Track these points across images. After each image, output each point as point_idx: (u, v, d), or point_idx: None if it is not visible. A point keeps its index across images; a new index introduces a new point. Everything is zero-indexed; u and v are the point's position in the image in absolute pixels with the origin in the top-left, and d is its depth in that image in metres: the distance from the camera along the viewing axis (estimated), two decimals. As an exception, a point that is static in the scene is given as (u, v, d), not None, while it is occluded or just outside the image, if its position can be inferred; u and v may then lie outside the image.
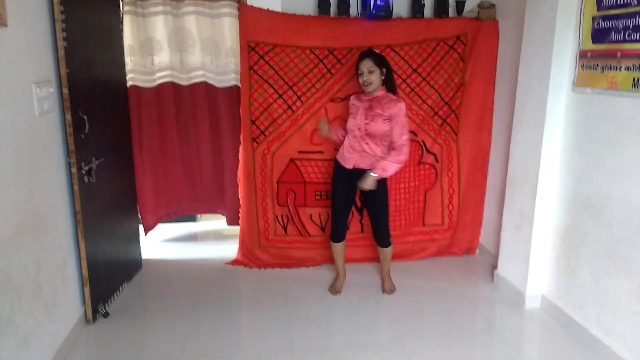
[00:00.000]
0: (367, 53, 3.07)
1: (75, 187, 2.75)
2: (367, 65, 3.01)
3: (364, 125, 3.08)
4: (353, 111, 3.17)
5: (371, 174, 3.04)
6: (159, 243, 4.24)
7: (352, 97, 3.27)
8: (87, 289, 2.90)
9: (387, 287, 3.40)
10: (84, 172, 2.80)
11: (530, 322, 3.03)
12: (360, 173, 3.11)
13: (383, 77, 3.06)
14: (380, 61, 3.05)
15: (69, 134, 2.70)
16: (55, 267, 2.60)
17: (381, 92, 3.09)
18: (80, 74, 2.78)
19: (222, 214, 4.23)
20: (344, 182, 3.24)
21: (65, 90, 2.64)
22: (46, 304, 2.49)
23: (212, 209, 4.24)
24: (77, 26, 2.75)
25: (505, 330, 2.94)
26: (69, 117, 2.68)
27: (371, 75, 3.01)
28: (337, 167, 3.27)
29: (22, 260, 2.26)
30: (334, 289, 3.39)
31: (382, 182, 3.16)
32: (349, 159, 3.17)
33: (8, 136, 2.16)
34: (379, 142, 3.09)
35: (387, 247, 3.35)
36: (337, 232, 3.33)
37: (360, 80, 3.05)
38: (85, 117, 2.78)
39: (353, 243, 3.77)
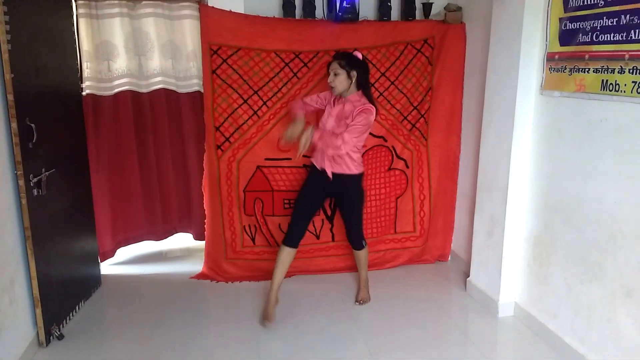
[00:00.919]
0: (337, 54, 3.03)
1: (23, 201, 2.56)
2: (332, 67, 2.93)
3: (329, 128, 2.99)
4: (326, 111, 3.05)
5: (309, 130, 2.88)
6: (120, 258, 4.03)
7: (328, 92, 3.10)
8: (38, 310, 2.70)
9: (361, 297, 3.26)
10: (32, 184, 2.61)
11: (504, 330, 2.97)
12: (333, 180, 3.01)
13: (352, 80, 2.91)
14: (350, 63, 2.91)
15: (15, 144, 2.51)
16: (1, 288, 2.41)
17: (355, 97, 2.94)
18: (27, 79, 2.59)
19: (188, 232, 4.04)
20: (316, 183, 3.09)
21: (10, 97, 2.45)
22: (-10, 328, 2.29)
23: (174, 230, 4.02)
24: (24, 28, 2.57)
25: (479, 339, 2.87)
26: (14, 125, 2.49)
27: (335, 78, 2.91)
28: (313, 169, 3.14)
29: (-41, 282, 2.07)
30: (265, 317, 2.97)
31: (357, 184, 3.07)
32: (320, 161, 3.04)
33: (-59, 147, 1.98)
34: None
35: (362, 249, 3.22)
36: (294, 232, 3.06)
37: (328, 81, 2.98)
38: (33, 125, 2.60)
39: (323, 253, 3.66)
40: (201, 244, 3.80)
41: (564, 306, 2.64)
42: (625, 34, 2.20)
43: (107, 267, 3.76)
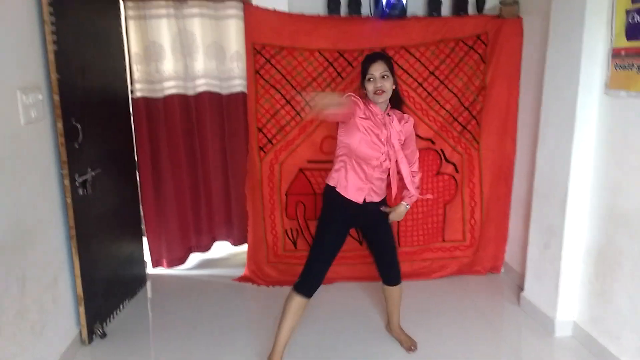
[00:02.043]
0: (380, 55, 2.47)
1: (68, 200, 2.61)
2: (380, 68, 2.36)
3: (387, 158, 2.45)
4: (367, 133, 2.38)
5: (405, 204, 2.55)
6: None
7: (357, 104, 2.35)
8: (81, 308, 2.74)
9: (408, 344, 2.76)
10: (78, 184, 2.66)
11: (561, 352, 2.73)
12: (370, 207, 2.52)
13: (394, 87, 2.45)
14: (393, 68, 2.45)
15: (60, 144, 2.56)
16: (44, 285, 2.45)
17: (394, 110, 2.51)
18: (73, 80, 2.64)
19: (227, 240, 3.98)
20: (347, 220, 2.53)
21: (56, 97, 2.51)
22: (33, 325, 2.33)
23: (214, 239, 3.98)
24: (70, 29, 2.62)
25: (533, 360, 2.66)
26: (60, 125, 2.54)
27: (385, 81, 2.36)
28: (338, 201, 2.49)
29: (2, 279, 2.10)
30: None
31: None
32: (361, 191, 2.48)
33: (-14, 147, 2.03)
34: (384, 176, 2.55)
35: (400, 283, 2.72)
36: (314, 282, 2.48)
37: (370, 88, 2.36)
38: (79, 125, 2.65)
39: (367, 260, 3.53)
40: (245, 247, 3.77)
41: (629, 328, 2.38)
42: None
43: (151, 267, 3.80)
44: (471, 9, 3.45)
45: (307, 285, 2.47)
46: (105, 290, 2.99)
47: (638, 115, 2.32)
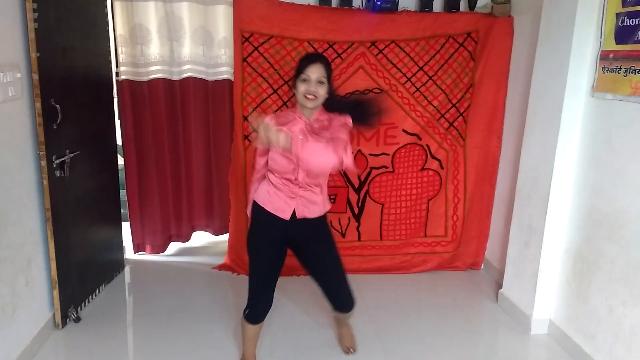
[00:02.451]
0: (321, 57, 2.18)
1: (45, 182, 2.56)
2: (318, 72, 2.08)
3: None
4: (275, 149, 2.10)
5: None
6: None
7: (271, 120, 1.98)
8: (55, 292, 2.70)
9: (349, 343, 2.66)
10: (55, 166, 2.60)
11: (536, 349, 2.75)
12: (302, 223, 2.21)
13: (327, 95, 2.15)
14: (331, 75, 2.18)
15: (38, 124, 2.50)
16: (17, 268, 2.40)
17: (323, 115, 2.17)
18: (53, 59, 2.58)
19: (206, 230, 3.93)
20: (276, 238, 2.25)
21: (35, 76, 2.44)
22: (3, 308, 2.28)
23: (194, 229, 3.92)
24: (53, 8, 2.55)
25: (508, 357, 2.68)
26: (38, 105, 2.48)
27: (320, 87, 2.09)
28: (263, 218, 2.23)
29: (-28, 260, 2.05)
30: None
31: (326, 229, 2.36)
32: (288, 207, 2.19)
33: (-43, 123, 1.96)
34: (323, 181, 2.25)
35: (353, 309, 2.45)
36: (259, 308, 2.29)
37: (302, 89, 2.08)
38: (58, 106, 2.58)
39: (348, 252, 3.53)
40: (225, 236, 3.74)
41: (604, 328, 2.41)
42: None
43: (130, 252, 3.74)
44: (463, 6, 3.42)
45: (253, 312, 2.31)
46: (81, 274, 2.94)
47: (623, 118, 2.32)
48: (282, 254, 2.32)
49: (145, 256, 3.77)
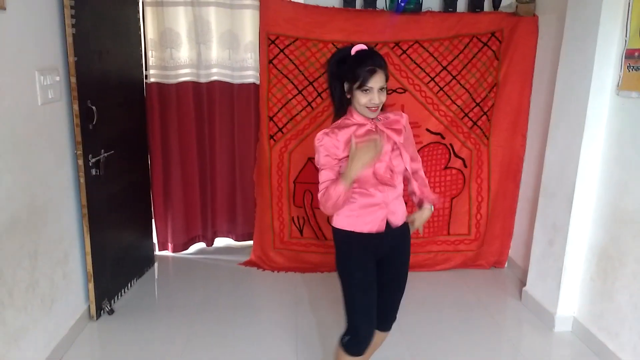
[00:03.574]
0: (381, 62, 1.81)
1: (82, 180, 2.68)
2: (380, 81, 1.79)
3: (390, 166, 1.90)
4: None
5: (428, 206, 2.05)
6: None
7: (330, 146, 1.81)
8: (91, 285, 2.82)
9: None
10: (91, 164, 2.72)
11: (559, 346, 2.76)
12: (390, 235, 1.95)
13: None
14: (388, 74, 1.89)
15: (76, 125, 2.63)
16: (55, 261, 2.53)
17: (381, 114, 1.94)
18: (90, 63, 2.70)
19: (229, 236, 4.00)
20: (372, 258, 1.97)
21: (73, 79, 2.57)
22: (43, 299, 2.41)
23: (218, 234, 3.99)
24: (89, 14, 2.67)
25: (531, 354, 2.68)
26: (76, 107, 2.60)
27: (382, 95, 1.81)
28: (360, 241, 1.93)
29: (16, 253, 2.17)
30: None
31: (409, 242, 2.09)
32: (379, 219, 1.92)
33: (5, 124, 2.08)
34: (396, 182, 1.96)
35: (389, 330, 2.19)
36: (365, 337, 1.95)
37: (364, 100, 1.78)
38: (94, 107, 2.71)
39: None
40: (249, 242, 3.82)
41: (628, 326, 2.40)
42: None
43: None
44: (487, 5, 3.44)
45: (358, 341, 1.97)
46: (114, 268, 3.06)
47: (648, 116, 2.33)
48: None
49: (172, 253, 3.88)
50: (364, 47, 1.85)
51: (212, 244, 3.97)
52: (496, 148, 3.53)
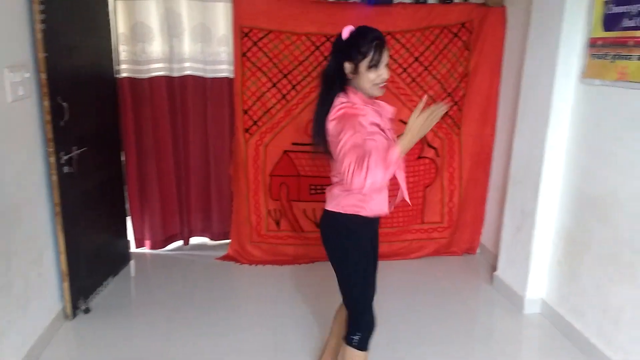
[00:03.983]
0: (382, 36, 1.78)
1: (54, 177, 2.64)
2: (387, 56, 1.77)
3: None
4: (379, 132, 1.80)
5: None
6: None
7: (355, 112, 1.74)
8: (66, 284, 2.79)
9: None
10: (63, 162, 2.69)
11: (529, 327, 2.87)
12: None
13: None
14: None
15: (46, 122, 2.58)
16: (29, 261, 2.50)
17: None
18: (60, 59, 2.66)
19: (204, 235, 3.95)
20: (374, 245, 2.04)
21: (43, 75, 2.52)
22: (18, 299, 2.38)
23: (192, 233, 3.93)
24: (58, 9, 2.62)
25: (503, 335, 2.79)
26: (46, 103, 2.56)
27: (387, 72, 1.80)
28: (367, 226, 1.92)
29: (-12, 253, 2.15)
30: None
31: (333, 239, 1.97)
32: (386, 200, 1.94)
33: (-29, 123, 2.05)
34: None
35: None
36: (374, 329, 1.98)
37: (373, 76, 1.74)
38: (65, 104, 2.67)
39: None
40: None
41: (593, 306, 2.52)
42: (673, 18, 2.04)
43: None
44: (457, -4, 3.50)
45: (370, 334, 1.96)
46: (89, 266, 3.04)
47: (610, 103, 2.41)
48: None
49: (150, 250, 3.86)
50: (352, 28, 1.79)
51: (188, 242, 3.94)
52: (467, 137, 3.61)
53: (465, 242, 3.80)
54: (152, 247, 3.83)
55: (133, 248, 3.80)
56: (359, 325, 1.90)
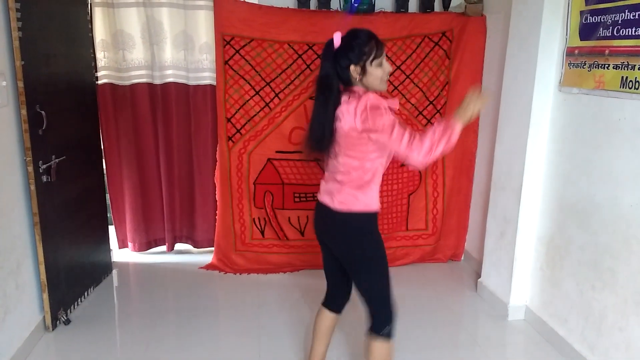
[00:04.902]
0: (371, 34, 1.86)
1: (32, 187, 2.60)
2: (385, 50, 1.89)
3: None
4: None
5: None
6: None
7: (382, 101, 1.81)
8: (45, 295, 2.74)
9: None
10: (41, 171, 2.65)
11: (513, 334, 2.88)
12: None
13: None
14: None
15: (24, 130, 2.54)
16: (7, 272, 2.45)
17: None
18: (38, 66, 2.63)
19: (187, 242, 3.91)
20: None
21: (20, 84, 2.49)
22: (-6, 311, 2.33)
23: (177, 239, 3.91)
24: (36, 16, 2.60)
25: (487, 342, 2.79)
26: (24, 112, 2.52)
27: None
28: (376, 221, 2.00)
29: (-37, 265, 2.10)
30: None
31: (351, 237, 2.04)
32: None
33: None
34: None
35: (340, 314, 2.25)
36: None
37: (380, 74, 1.85)
38: (43, 112, 2.63)
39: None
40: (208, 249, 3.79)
41: (575, 312, 2.53)
42: (647, 28, 2.08)
43: (118, 254, 3.80)
44: (437, 6, 3.53)
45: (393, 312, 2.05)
46: (70, 277, 2.98)
47: (588, 111, 2.44)
48: None
49: (132, 258, 3.81)
50: (341, 33, 1.85)
51: (173, 248, 3.90)
52: (450, 145, 3.62)
53: (450, 248, 3.81)
54: (135, 249, 3.80)
55: (118, 257, 3.76)
56: (387, 316, 2.00)
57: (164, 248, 3.89)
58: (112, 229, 3.73)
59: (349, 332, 2.78)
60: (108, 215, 3.63)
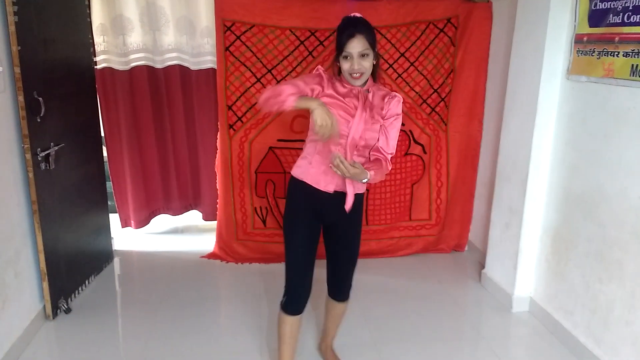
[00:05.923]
0: (360, 28, 1.85)
1: (30, 175, 2.57)
2: (359, 46, 1.83)
3: (361, 134, 1.92)
4: (338, 108, 1.89)
5: (364, 180, 1.86)
6: (133, 233, 4.05)
7: (325, 78, 1.92)
8: (45, 283, 2.72)
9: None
10: (40, 159, 2.61)
11: (517, 326, 2.85)
12: (339, 198, 1.97)
13: (374, 62, 1.93)
14: (375, 40, 1.91)
15: (22, 117, 2.50)
16: (6, 260, 2.42)
17: (373, 85, 1.99)
18: (35, 52, 2.58)
19: (199, 210, 4.04)
20: (314, 215, 2.02)
21: (17, 70, 2.44)
22: (-7, 300, 2.31)
23: (190, 206, 4.05)
24: (32, 1, 2.54)
25: (491, 334, 2.76)
26: (21, 98, 2.48)
27: (365, 61, 1.86)
28: (302, 193, 2.01)
29: (-40, 254, 2.07)
30: None
31: (361, 213, 2.19)
32: (331, 179, 1.96)
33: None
34: (366, 154, 2.00)
35: (347, 301, 2.29)
36: (299, 296, 2.08)
37: (346, 67, 1.86)
38: (41, 99, 2.59)
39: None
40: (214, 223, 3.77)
41: (581, 305, 2.50)
42: (660, 13, 2.02)
43: (119, 243, 3.79)
44: (443, -9, 3.46)
45: (291, 299, 2.08)
46: (70, 265, 2.96)
47: (596, 100, 2.39)
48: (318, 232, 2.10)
49: (134, 246, 3.80)
50: (355, 15, 1.93)
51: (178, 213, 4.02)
52: (454, 134, 3.58)
53: (454, 239, 3.78)
54: (136, 226, 3.87)
55: (119, 245, 3.77)
56: (286, 288, 2.13)
57: (167, 235, 3.94)
58: (112, 217, 3.71)
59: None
60: (109, 204, 3.60)
